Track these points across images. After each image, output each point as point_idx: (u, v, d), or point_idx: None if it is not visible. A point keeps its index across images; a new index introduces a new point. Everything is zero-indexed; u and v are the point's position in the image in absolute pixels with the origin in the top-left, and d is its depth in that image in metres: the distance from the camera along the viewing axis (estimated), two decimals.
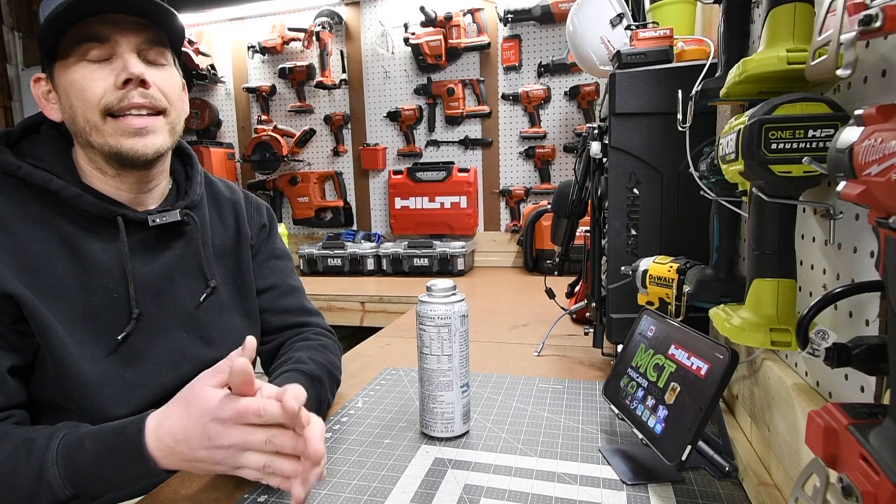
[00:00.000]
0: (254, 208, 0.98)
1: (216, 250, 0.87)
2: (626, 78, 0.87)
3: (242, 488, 0.63)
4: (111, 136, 0.71)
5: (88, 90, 0.70)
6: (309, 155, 2.66)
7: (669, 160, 0.86)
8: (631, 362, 0.72)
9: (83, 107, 0.70)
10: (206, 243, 0.84)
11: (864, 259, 0.46)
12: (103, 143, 0.71)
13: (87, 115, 0.70)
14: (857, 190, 0.30)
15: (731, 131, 0.52)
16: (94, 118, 0.70)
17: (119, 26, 0.71)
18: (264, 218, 0.99)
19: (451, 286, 0.73)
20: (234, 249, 0.90)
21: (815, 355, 0.43)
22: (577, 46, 1.57)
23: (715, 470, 0.64)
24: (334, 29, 2.51)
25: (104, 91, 0.70)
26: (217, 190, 0.93)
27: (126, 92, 0.70)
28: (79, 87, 0.70)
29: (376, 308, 1.85)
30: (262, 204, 1.01)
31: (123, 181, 0.76)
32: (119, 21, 0.71)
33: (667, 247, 0.88)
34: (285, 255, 1.01)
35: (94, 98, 0.70)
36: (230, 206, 0.93)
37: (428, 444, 0.73)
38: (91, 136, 0.71)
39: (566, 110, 2.30)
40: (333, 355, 0.88)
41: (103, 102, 0.70)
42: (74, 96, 0.70)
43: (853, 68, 0.34)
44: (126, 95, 0.71)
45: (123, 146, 0.71)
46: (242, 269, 0.90)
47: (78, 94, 0.70)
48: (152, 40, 0.74)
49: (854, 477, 0.30)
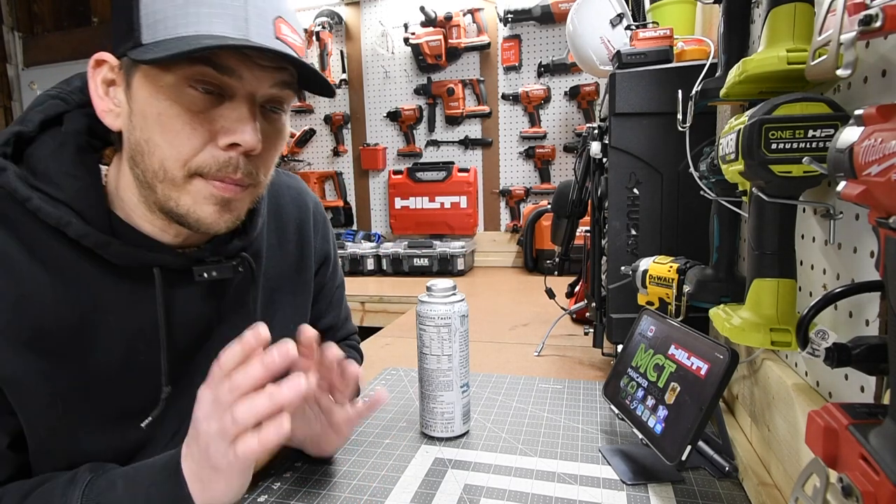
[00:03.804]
0: (320, 234, 0.82)
1: (267, 283, 0.71)
2: (626, 78, 0.87)
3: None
4: (190, 197, 0.54)
5: (182, 139, 0.52)
6: (309, 155, 2.65)
7: (669, 160, 0.86)
8: (631, 362, 0.72)
9: (167, 152, 0.52)
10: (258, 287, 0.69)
11: (864, 259, 0.46)
12: (173, 198, 0.54)
13: (166, 164, 0.53)
14: (857, 190, 0.30)
15: (731, 131, 0.52)
16: (175, 173, 0.53)
17: (250, 60, 0.52)
18: (329, 245, 0.85)
19: (451, 286, 0.73)
20: (290, 283, 0.76)
21: (815, 355, 0.43)
22: (577, 46, 1.57)
23: (715, 470, 0.64)
24: (334, 29, 2.51)
25: (202, 145, 0.52)
26: (282, 205, 0.76)
27: (229, 158, 0.53)
28: (169, 128, 0.52)
29: (376, 308, 1.85)
30: (328, 226, 0.85)
31: (172, 227, 0.58)
32: (251, 52, 0.51)
33: (667, 247, 0.88)
34: (342, 280, 0.91)
35: (185, 150, 0.52)
36: (294, 228, 0.77)
37: (428, 444, 0.73)
38: (158, 183, 0.54)
39: (566, 110, 2.30)
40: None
41: (196, 163, 0.53)
42: (160, 135, 0.52)
43: (853, 68, 0.34)
44: (227, 164, 0.53)
45: (199, 214, 0.55)
46: (296, 309, 0.77)
47: (166, 137, 0.52)
48: (285, 82, 0.55)
49: (854, 477, 0.30)
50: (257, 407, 0.46)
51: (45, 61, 2.95)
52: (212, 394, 0.49)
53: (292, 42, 0.53)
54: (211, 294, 0.64)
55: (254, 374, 0.47)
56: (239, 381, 0.47)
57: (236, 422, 0.46)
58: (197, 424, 0.49)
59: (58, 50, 2.92)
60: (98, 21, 2.90)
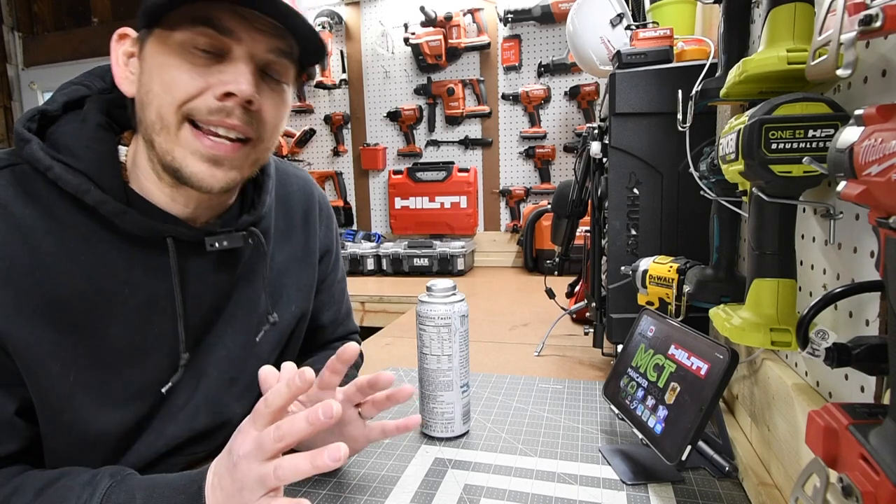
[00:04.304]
0: (325, 224, 0.84)
1: (274, 266, 0.74)
2: (626, 78, 0.87)
3: None
4: (179, 149, 0.56)
5: (178, 81, 0.54)
6: (309, 155, 2.65)
7: (669, 160, 0.86)
8: (631, 362, 0.72)
9: (162, 98, 0.55)
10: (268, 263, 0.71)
11: (864, 259, 0.46)
12: (168, 150, 0.56)
13: (161, 110, 0.55)
14: (857, 190, 0.30)
15: (731, 131, 0.52)
16: (169, 117, 0.55)
17: (249, 22, 0.55)
18: (332, 238, 0.86)
19: (451, 286, 0.73)
20: (295, 269, 0.78)
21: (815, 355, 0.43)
22: (577, 46, 1.57)
23: (715, 470, 0.64)
24: (334, 29, 2.51)
25: (197, 91, 0.55)
26: (290, 192, 0.78)
27: (223, 105, 0.55)
28: (168, 75, 0.55)
29: (376, 308, 1.85)
30: (332, 217, 0.87)
31: (180, 194, 0.61)
32: (250, 15, 0.55)
33: (667, 247, 0.88)
34: (344, 276, 0.92)
35: (179, 94, 0.54)
36: (301, 215, 0.79)
37: (428, 444, 0.73)
38: (156, 136, 0.56)
39: (566, 110, 2.30)
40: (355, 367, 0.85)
41: (189, 105, 0.55)
42: (159, 82, 0.55)
43: (853, 68, 0.34)
44: (221, 110, 0.55)
45: (189, 168, 0.56)
46: (300, 295, 0.79)
47: (163, 82, 0.55)
48: (282, 50, 0.58)
49: (854, 477, 0.30)
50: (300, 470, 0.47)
51: (45, 61, 2.95)
52: (256, 434, 0.48)
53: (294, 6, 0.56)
54: (222, 265, 0.66)
55: (300, 430, 0.47)
56: (285, 432, 0.47)
57: (279, 479, 0.47)
58: (237, 461, 0.48)
59: (58, 50, 2.92)
60: (98, 21, 2.90)
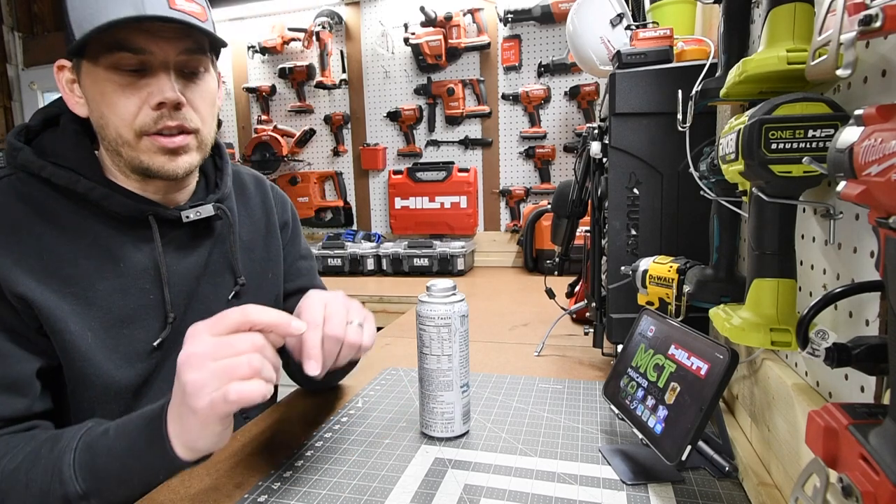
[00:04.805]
0: (279, 204, 0.95)
1: (243, 244, 0.85)
2: (626, 78, 0.87)
3: (243, 488, 0.63)
4: (144, 154, 0.69)
5: (121, 108, 0.67)
6: (309, 155, 2.66)
7: (669, 160, 0.86)
8: (631, 362, 0.72)
9: (116, 122, 0.68)
10: (236, 238, 0.83)
11: (864, 259, 0.46)
12: (134, 157, 0.69)
13: (119, 131, 0.68)
14: (857, 190, 0.30)
15: (731, 131, 0.52)
16: (127, 136, 0.68)
17: (155, 35, 0.65)
18: (288, 214, 0.97)
19: (451, 286, 0.73)
20: (262, 244, 0.89)
21: (815, 355, 0.43)
22: (577, 46, 1.57)
23: (715, 470, 0.64)
24: (334, 29, 2.51)
25: (138, 109, 0.67)
26: (243, 181, 0.91)
27: (160, 113, 0.68)
28: (110, 102, 0.67)
29: (376, 308, 1.84)
30: (286, 199, 0.98)
31: (150, 185, 0.74)
32: (154, 28, 0.65)
33: (667, 247, 0.88)
34: (310, 255, 1.00)
35: (128, 117, 0.67)
36: (258, 199, 0.91)
37: (428, 444, 0.73)
38: (121, 148, 0.69)
39: (566, 110, 2.30)
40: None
41: (138, 123, 0.67)
42: (105, 107, 0.67)
43: (853, 68, 0.34)
44: (160, 117, 0.68)
45: (154, 164, 0.70)
46: (271, 264, 0.89)
47: (110, 109, 0.67)
48: (190, 49, 0.69)
49: (854, 477, 0.30)
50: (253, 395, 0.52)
51: (45, 61, 2.95)
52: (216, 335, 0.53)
53: (189, 10, 0.66)
54: (197, 237, 0.79)
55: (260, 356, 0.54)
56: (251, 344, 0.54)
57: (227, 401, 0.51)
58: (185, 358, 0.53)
59: (58, 50, 2.91)
60: None
